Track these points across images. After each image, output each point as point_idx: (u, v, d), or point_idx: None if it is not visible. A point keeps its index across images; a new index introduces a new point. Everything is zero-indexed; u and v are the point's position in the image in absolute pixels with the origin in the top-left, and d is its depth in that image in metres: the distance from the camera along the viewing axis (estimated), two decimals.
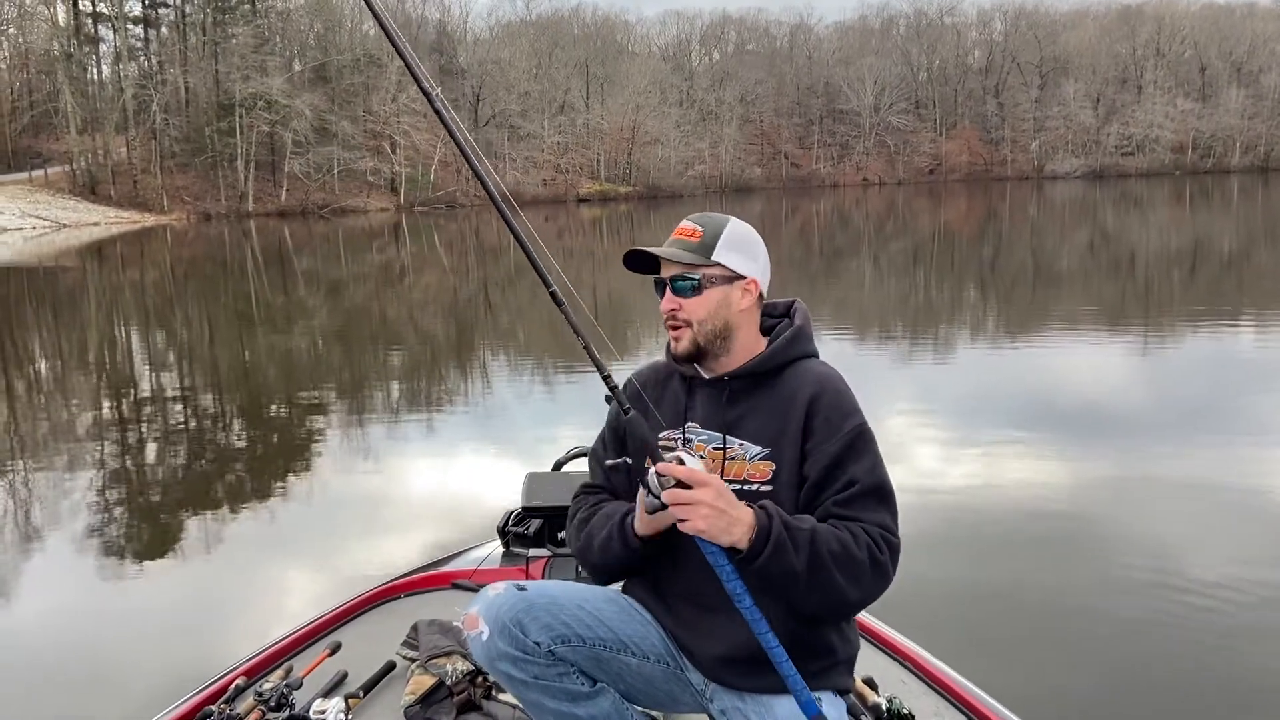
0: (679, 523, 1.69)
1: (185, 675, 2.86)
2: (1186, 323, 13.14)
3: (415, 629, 2.76)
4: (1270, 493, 5.88)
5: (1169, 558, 4.86)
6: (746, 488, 1.83)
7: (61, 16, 58.44)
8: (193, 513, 6.28)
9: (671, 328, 1.91)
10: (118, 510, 6.38)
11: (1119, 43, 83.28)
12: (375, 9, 1.74)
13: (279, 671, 2.58)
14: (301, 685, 2.47)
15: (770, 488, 1.83)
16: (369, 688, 2.54)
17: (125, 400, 10.28)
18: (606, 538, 1.93)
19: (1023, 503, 5.83)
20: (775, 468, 1.83)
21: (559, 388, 10.08)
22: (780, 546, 1.69)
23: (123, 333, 16.22)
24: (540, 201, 59.72)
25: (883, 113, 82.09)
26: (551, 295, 1.77)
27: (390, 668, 2.64)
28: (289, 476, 7.20)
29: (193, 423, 9.04)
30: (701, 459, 1.81)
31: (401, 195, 60.65)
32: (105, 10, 59.12)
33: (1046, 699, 3.51)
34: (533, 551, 3.20)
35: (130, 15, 60.22)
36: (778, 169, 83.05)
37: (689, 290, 1.88)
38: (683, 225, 1.93)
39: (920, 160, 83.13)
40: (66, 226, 44.18)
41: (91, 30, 59.32)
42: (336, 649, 2.71)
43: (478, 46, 76.17)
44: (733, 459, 1.87)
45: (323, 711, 2.35)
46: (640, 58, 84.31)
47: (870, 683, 2.41)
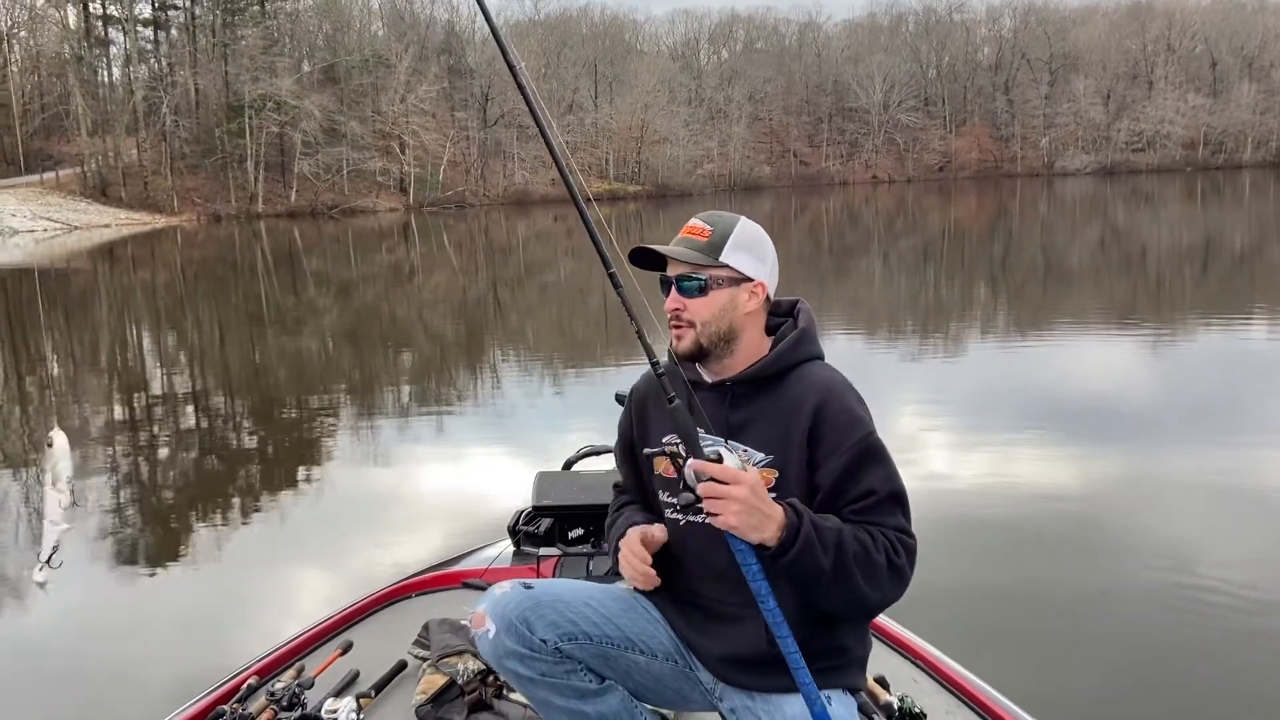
0: (710, 517, 1.67)
1: (198, 675, 2.87)
2: (1198, 320, 13.08)
3: (426, 628, 2.76)
4: None
5: (1182, 556, 4.83)
6: None
7: (72, 19, 58.66)
8: (205, 513, 6.31)
9: (674, 326, 1.89)
10: (131, 511, 6.42)
11: (1129, 38, 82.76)
12: (485, 9, 1.90)
13: (291, 671, 2.59)
14: (313, 685, 2.48)
15: (774, 495, 1.80)
16: (380, 687, 2.55)
17: (138, 401, 10.33)
18: (613, 550, 1.97)
19: (1035, 501, 5.81)
20: (779, 475, 1.82)
21: (569, 387, 10.09)
22: (809, 545, 1.68)
23: (134, 334, 16.30)
24: (549, 201, 59.67)
25: (892, 110, 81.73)
26: (610, 276, 1.80)
27: (402, 667, 2.64)
28: (300, 477, 7.22)
29: (204, 424, 9.08)
30: (743, 454, 1.79)
31: (411, 195, 60.64)
32: (115, 13, 59.31)
33: (1059, 698, 3.50)
34: (543, 550, 3.21)
35: (140, 18, 60.38)
36: (787, 167, 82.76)
37: (695, 291, 1.85)
38: (692, 223, 1.90)
39: (930, 157, 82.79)
40: (78, 228, 44.30)
41: (102, 33, 59.49)
42: (348, 648, 2.71)
43: (486, 46, 76.17)
44: None
45: (334, 711, 2.36)
46: (649, 57, 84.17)
47: (882, 681, 2.40)
